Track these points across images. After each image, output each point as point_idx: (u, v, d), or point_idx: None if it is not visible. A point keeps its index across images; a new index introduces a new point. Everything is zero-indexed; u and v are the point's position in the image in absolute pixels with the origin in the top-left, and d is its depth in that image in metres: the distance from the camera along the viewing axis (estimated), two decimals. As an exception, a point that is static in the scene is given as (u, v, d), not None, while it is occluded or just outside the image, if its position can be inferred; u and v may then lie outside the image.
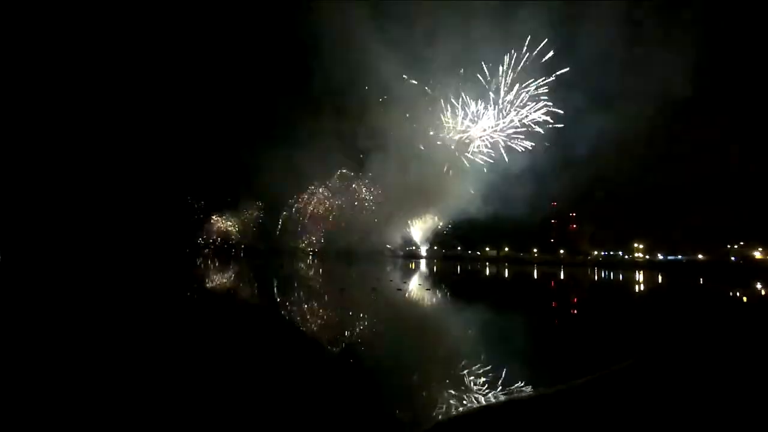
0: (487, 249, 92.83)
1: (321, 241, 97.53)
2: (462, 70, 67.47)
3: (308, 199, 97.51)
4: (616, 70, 61.73)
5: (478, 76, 67.85)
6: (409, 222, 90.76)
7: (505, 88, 67.14)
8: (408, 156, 74.58)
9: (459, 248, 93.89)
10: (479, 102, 69.13)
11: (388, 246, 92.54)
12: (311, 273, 39.74)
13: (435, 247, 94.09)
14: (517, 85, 66.65)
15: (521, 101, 67.13)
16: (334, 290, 24.14)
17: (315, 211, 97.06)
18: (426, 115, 72.54)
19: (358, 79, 68.77)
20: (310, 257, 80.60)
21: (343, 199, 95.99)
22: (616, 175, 68.30)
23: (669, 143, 66.26)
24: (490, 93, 68.13)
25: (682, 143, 64.44)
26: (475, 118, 70.36)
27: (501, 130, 68.68)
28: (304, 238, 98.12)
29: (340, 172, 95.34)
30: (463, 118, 70.98)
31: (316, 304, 17.95)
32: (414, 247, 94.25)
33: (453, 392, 7.05)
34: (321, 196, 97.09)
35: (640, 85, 58.24)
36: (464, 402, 6.64)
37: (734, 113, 61.65)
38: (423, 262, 73.11)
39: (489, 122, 69.38)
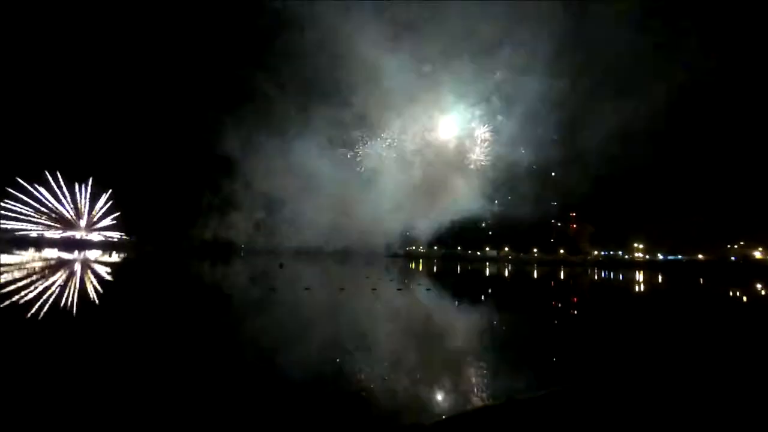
0: (487, 249, 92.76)
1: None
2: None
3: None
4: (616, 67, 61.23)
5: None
6: (409, 221, 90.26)
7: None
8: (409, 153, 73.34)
9: (459, 248, 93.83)
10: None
11: (386, 245, 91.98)
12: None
13: (435, 247, 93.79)
14: None
15: None
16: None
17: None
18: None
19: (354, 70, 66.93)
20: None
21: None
22: (617, 175, 68.07)
23: (669, 143, 66.17)
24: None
25: (682, 143, 64.38)
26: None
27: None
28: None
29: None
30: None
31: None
32: (414, 247, 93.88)
33: (453, 391, 7.05)
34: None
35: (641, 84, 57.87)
36: (464, 401, 6.64)
37: (734, 113, 61.65)
38: (422, 262, 73.03)
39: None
